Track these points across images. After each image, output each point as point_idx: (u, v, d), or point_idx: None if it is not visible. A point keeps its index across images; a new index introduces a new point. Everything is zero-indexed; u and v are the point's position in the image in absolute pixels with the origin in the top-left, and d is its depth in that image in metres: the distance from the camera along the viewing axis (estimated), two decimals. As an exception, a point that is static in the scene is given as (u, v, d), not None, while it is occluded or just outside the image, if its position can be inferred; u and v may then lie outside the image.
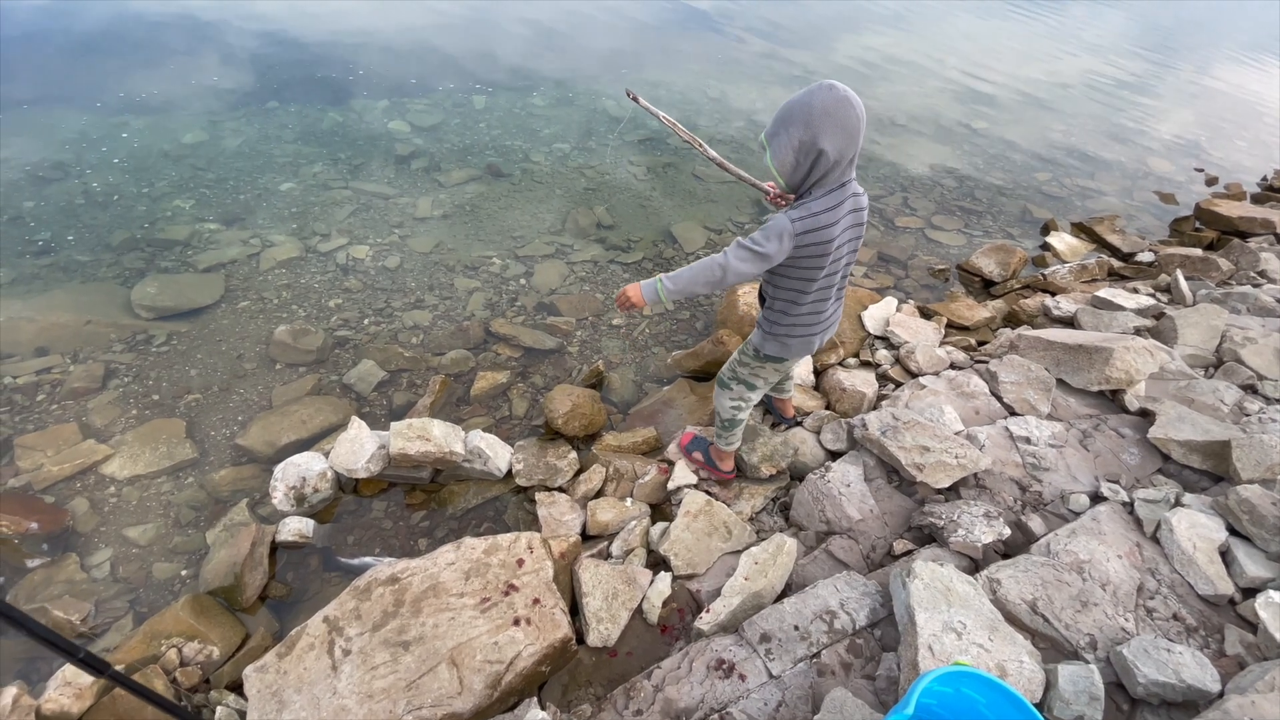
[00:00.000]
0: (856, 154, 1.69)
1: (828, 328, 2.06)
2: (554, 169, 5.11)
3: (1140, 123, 8.30)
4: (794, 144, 1.65)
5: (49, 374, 2.99)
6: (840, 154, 1.64)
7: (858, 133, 1.63)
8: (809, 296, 1.91)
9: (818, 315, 1.98)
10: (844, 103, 1.59)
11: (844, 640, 1.83)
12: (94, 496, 2.57)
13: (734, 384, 2.30)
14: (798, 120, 1.62)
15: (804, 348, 2.06)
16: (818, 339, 2.06)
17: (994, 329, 3.83)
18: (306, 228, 4.09)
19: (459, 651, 1.73)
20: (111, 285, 3.51)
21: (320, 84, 5.84)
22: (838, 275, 1.92)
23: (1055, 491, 2.38)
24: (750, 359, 2.19)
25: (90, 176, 4.24)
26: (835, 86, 1.59)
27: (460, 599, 1.84)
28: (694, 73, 7.42)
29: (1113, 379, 2.80)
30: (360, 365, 3.23)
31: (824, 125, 1.60)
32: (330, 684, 1.68)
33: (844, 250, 1.85)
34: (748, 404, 2.35)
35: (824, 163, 1.65)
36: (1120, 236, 5.14)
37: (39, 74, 5.32)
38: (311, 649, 1.76)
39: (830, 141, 1.61)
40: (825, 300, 1.96)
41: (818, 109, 1.59)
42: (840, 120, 1.59)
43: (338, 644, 1.76)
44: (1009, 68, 9.69)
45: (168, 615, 2.14)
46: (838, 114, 1.59)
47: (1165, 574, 1.97)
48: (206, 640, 2.10)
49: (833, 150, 1.63)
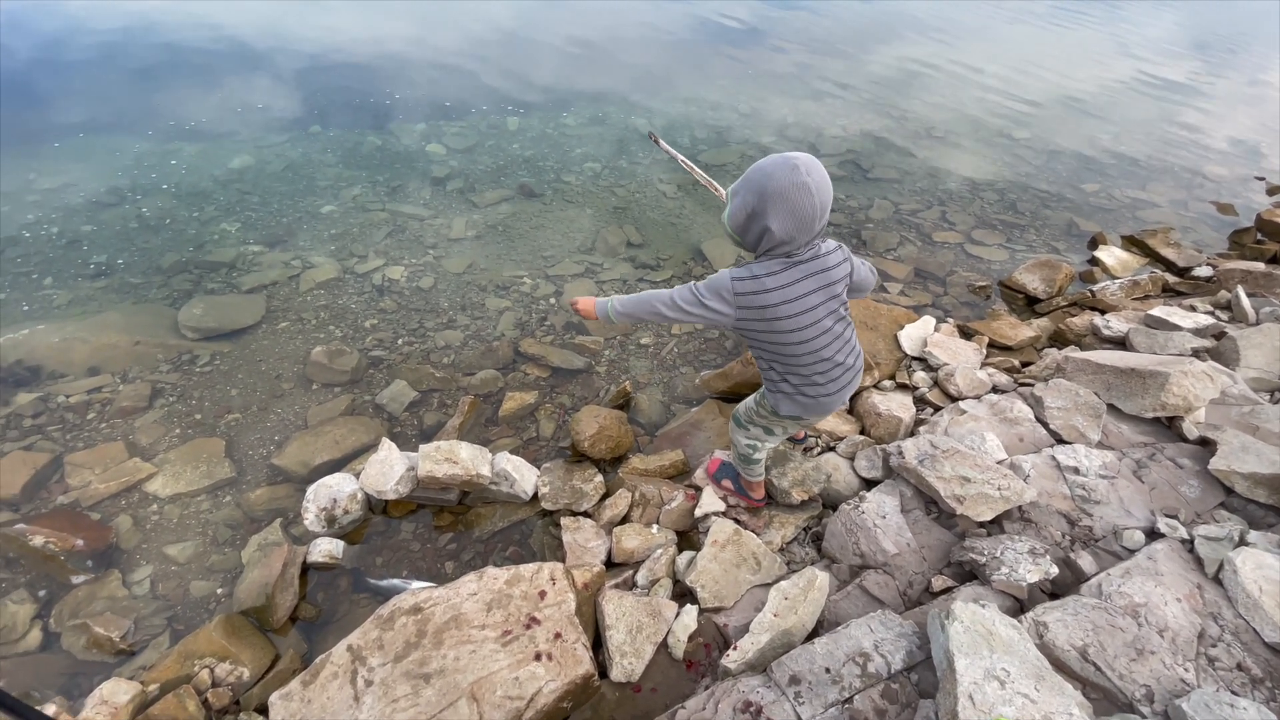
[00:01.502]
0: (815, 234, 1.64)
1: (841, 389, 1.91)
2: (585, 188, 5.14)
3: (1195, 129, 7.94)
4: (747, 210, 1.62)
5: (99, 393, 3.11)
6: (787, 235, 1.60)
7: (813, 220, 1.58)
8: (801, 368, 1.82)
9: (820, 381, 1.86)
10: (801, 189, 1.53)
11: (878, 685, 1.75)
12: (137, 514, 2.65)
13: (750, 427, 2.21)
14: (754, 189, 1.59)
15: (819, 410, 1.94)
16: (833, 401, 1.92)
17: (1039, 349, 3.68)
18: (345, 249, 4.19)
19: (479, 686, 1.71)
20: (160, 306, 3.64)
21: (361, 108, 6.02)
22: (825, 340, 1.79)
23: (1107, 526, 2.25)
24: (769, 413, 2.08)
25: (143, 201, 4.43)
26: (798, 168, 1.53)
27: (482, 631, 1.83)
28: (724, 89, 7.41)
29: (1169, 405, 2.64)
30: (393, 385, 3.27)
31: (775, 205, 1.56)
32: (352, 715, 1.68)
33: (821, 314, 1.74)
34: (763, 446, 2.28)
35: (770, 238, 1.62)
36: (1175, 250, 4.90)
37: (96, 103, 5.61)
38: (335, 678, 1.76)
39: (778, 222, 1.58)
40: (823, 365, 1.83)
41: (772, 188, 1.55)
42: (793, 205, 1.55)
43: (360, 674, 1.75)
44: (1054, 73, 9.41)
45: (201, 635, 2.18)
46: (792, 198, 1.54)
47: (1229, 619, 1.84)
48: (238, 661, 2.13)
49: (779, 231, 1.59)
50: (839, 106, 7.28)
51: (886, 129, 6.82)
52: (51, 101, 5.56)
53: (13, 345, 3.25)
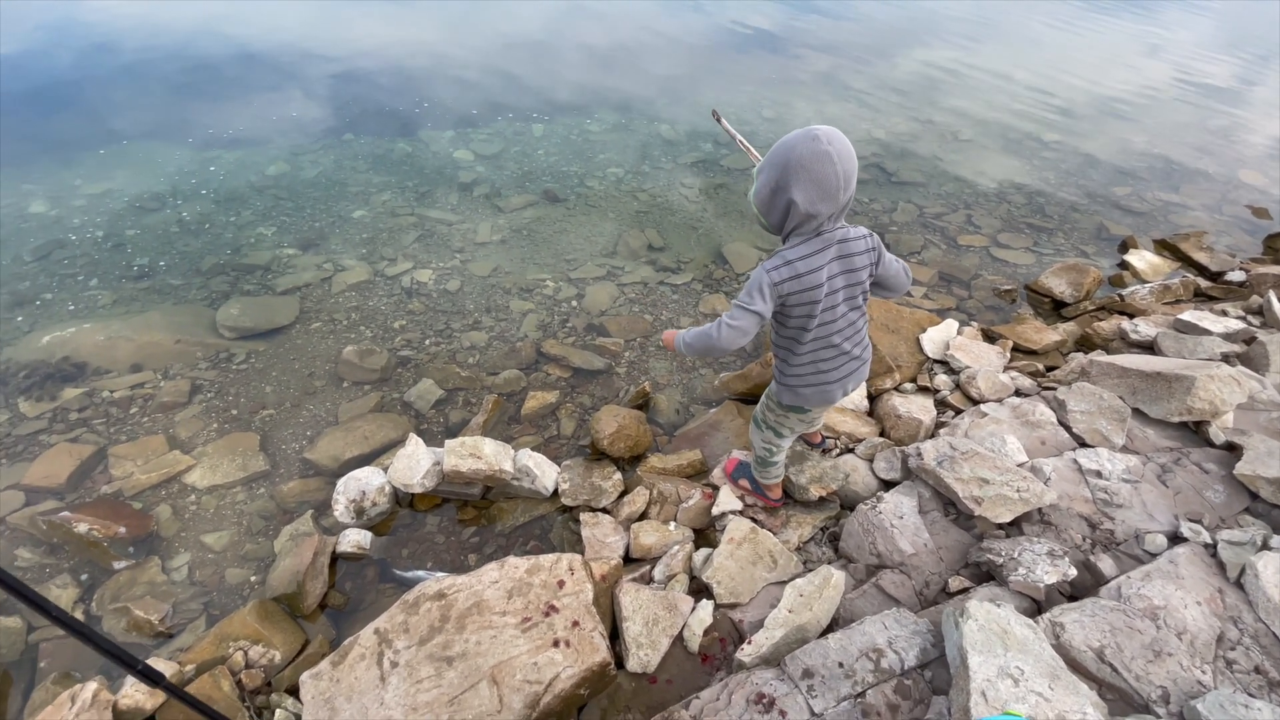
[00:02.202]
0: (841, 207, 1.63)
1: (844, 378, 1.93)
2: (608, 193, 5.22)
3: (1231, 132, 7.75)
4: (771, 184, 1.62)
5: (142, 389, 3.25)
6: (812, 206, 1.59)
7: (836, 189, 1.57)
8: (805, 347, 1.85)
9: (823, 366, 1.89)
10: (822, 158, 1.52)
11: (891, 680, 1.76)
12: (176, 504, 2.77)
13: (764, 428, 2.26)
14: (777, 163, 1.59)
15: (820, 398, 1.96)
16: (834, 389, 1.94)
17: (1065, 353, 3.64)
18: (375, 253, 4.32)
19: (499, 670, 1.76)
20: (199, 307, 3.79)
21: (392, 116, 6.18)
22: (836, 325, 1.82)
23: (1129, 530, 2.23)
24: (775, 406, 2.13)
25: (184, 206, 4.62)
26: (819, 138, 1.52)
27: (502, 617, 1.88)
28: (749, 93, 7.44)
29: (1195, 409, 2.61)
30: (420, 384, 3.36)
31: (798, 176, 1.56)
32: (378, 695, 1.75)
33: (839, 298, 1.77)
34: (779, 448, 2.31)
35: (796, 213, 1.61)
36: (1208, 254, 4.80)
37: (139, 111, 5.85)
38: (362, 659, 1.83)
39: (801, 193, 1.57)
40: (828, 350, 1.86)
41: (794, 158, 1.55)
42: (816, 175, 1.54)
43: (386, 656, 1.82)
44: (1086, 76, 9.26)
45: (236, 619, 2.27)
46: (814, 168, 1.54)
47: (1249, 623, 1.82)
48: (270, 645, 2.21)
49: (803, 202, 1.58)
50: (864, 110, 7.27)
51: (912, 132, 6.79)
52: (97, 110, 5.81)
53: (60, 343, 3.42)
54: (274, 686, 2.14)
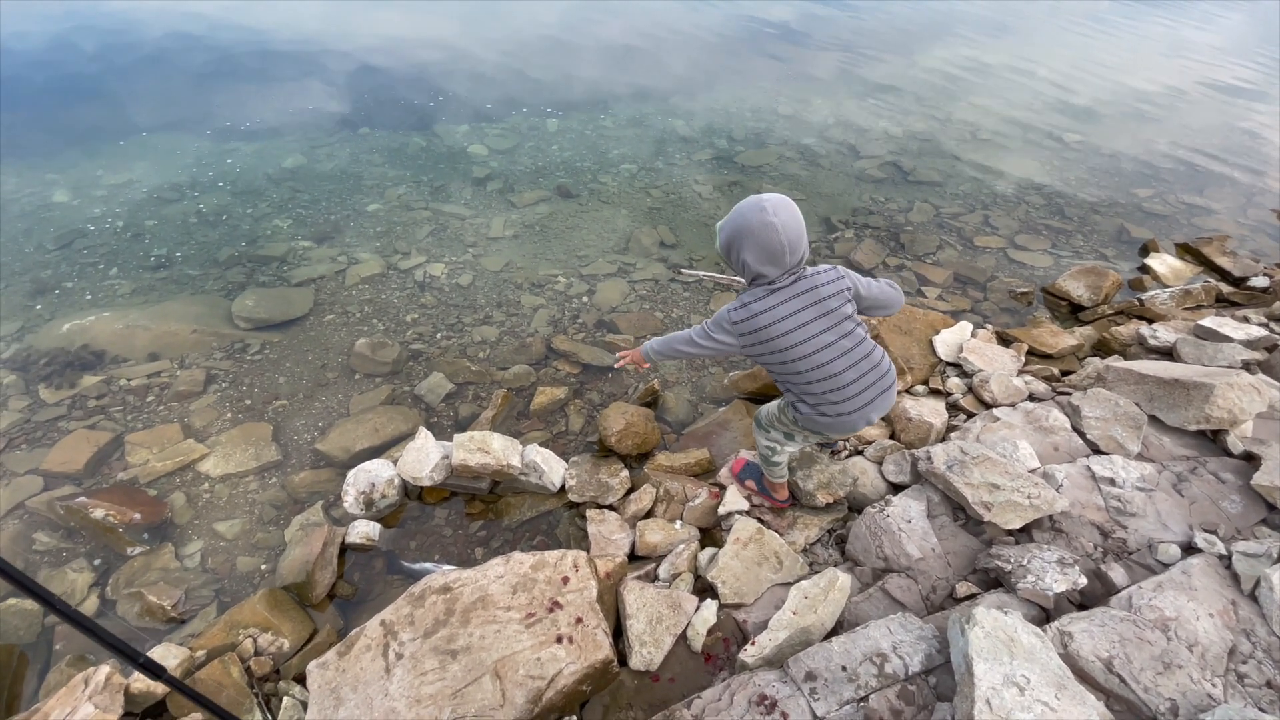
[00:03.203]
0: (788, 269, 1.78)
1: (863, 407, 1.90)
2: (621, 189, 5.21)
3: (1258, 134, 7.59)
4: (725, 244, 1.81)
5: (158, 378, 3.30)
6: (760, 267, 1.76)
7: (781, 254, 1.73)
8: (805, 383, 1.88)
9: (832, 399, 1.87)
10: (768, 228, 1.69)
11: (895, 686, 1.75)
12: (190, 492, 2.81)
13: (771, 430, 2.23)
14: (731, 226, 1.77)
15: (841, 427, 1.94)
16: (855, 419, 1.91)
17: (1081, 358, 3.58)
18: (389, 246, 4.34)
19: (503, 664, 1.77)
20: (216, 297, 3.84)
21: (407, 110, 6.21)
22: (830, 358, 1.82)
23: (1142, 539, 2.20)
24: (790, 422, 2.10)
25: (202, 198, 4.67)
26: (765, 209, 1.69)
27: (507, 612, 1.89)
28: (765, 90, 7.39)
29: (1213, 418, 2.56)
30: (430, 378, 3.38)
31: (746, 241, 1.74)
32: (383, 685, 1.76)
33: (819, 334, 1.80)
34: (783, 450, 2.29)
35: (749, 270, 1.79)
36: (1231, 259, 4.71)
37: (159, 104, 5.92)
38: (368, 650, 1.85)
39: (750, 256, 1.75)
40: (833, 381, 1.85)
41: (744, 225, 1.73)
42: (761, 241, 1.72)
43: (392, 647, 1.84)
44: (1109, 76, 9.10)
45: (246, 607, 2.30)
46: (760, 235, 1.71)
47: (1262, 636, 1.78)
48: (279, 633, 2.24)
49: (753, 262, 1.76)
50: (882, 108, 7.19)
51: (930, 131, 6.71)
52: (117, 102, 5.90)
53: (79, 331, 3.47)
54: (282, 674, 2.17)
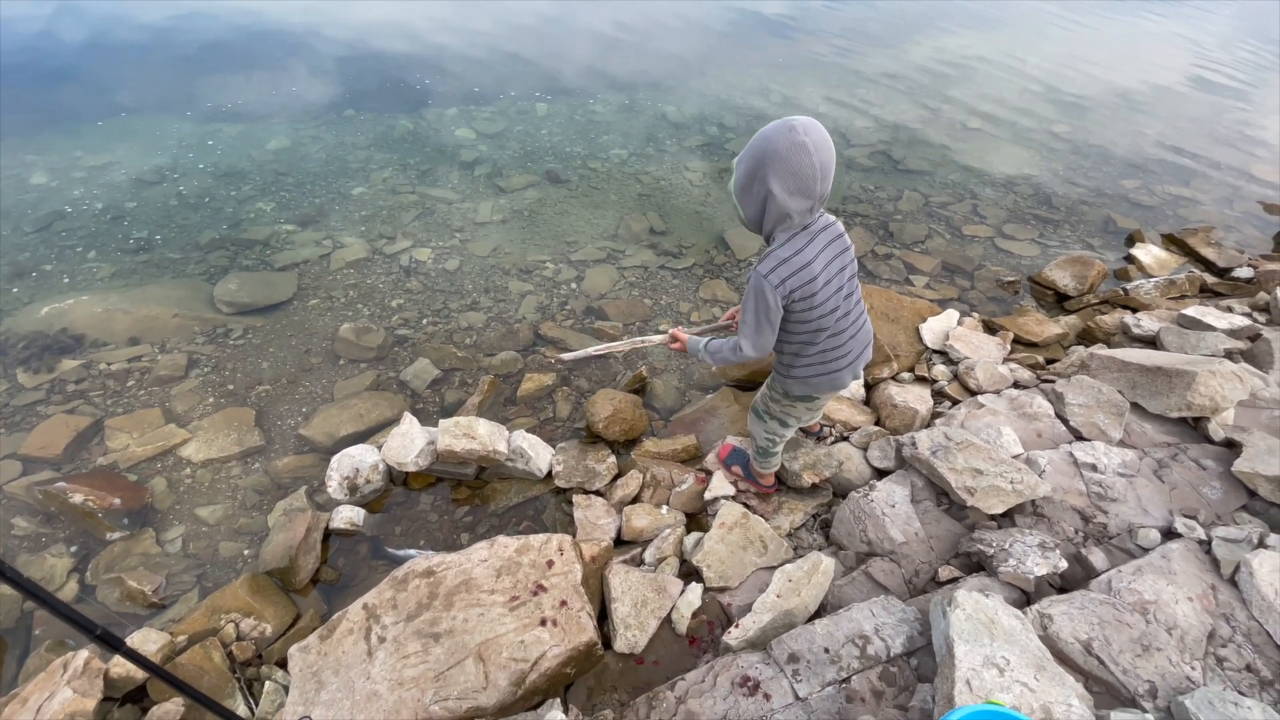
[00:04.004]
0: (819, 200, 1.61)
1: (853, 362, 1.94)
2: (610, 175, 5.16)
3: (1245, 127, 7.63)
4: (748, 176, 1.61)
5: (139, 362, 3.25)
6: (789, 198, 1.58)
7: (813, 181, 1.55)
8: (813, 338, 1.83)
9: (831, 355, 1.88)
10: (798, 149, 1.51)
11: (876, 667, 1.77)
12: (171, 477, 2.78)
13: (767, 418, 2.24)
14: (754, 155, 1.58)
15: (830, 385, 1.95)
16: (845, 374, 1.94)
17: (1065, 346, 3.61)
18: (374, 230, 4.29)
19: (486, 647, 1.77)
20: (197, 281, 3.78)
21: (395, 92, 6.12)
22: (836, 311, 1.81)
23: (1122, 524, 2.22)
24: (780, 397, 2.11)
25: (183, 180, 4.59)
26: (795, 129, 1.51)
27: (490, 595, 1.89)
28: (757, 77, 7.34)
29: (1195, 405, 2.58)
30: (416, 363, 3.35)
31: (772, 167, 1.55)
32: (365, 669, 1.76)
33: (834, 285, 1.76)
34: (781, 438, 2.30)
35: (773, 206, 1.60)
36: (1215, 250, 4.74)
37: (139, 84, 5.80)
38: (350, 634, 1.84)
39: (778, 184, 1.56)
40: (836, 338, 1.85)
41: (771, 150, 1.53)
42: (792, 166, 1.53)
43: (374, 631, 1.83)
44: (1099, 68, 9.11)
45: (228, 592, 2.28)
46: (790, 160, 1.52)
47: (1241, 620, 1.81)
48: (261, 617, 2.23)
49: (780, 192, 1.57)
50: (873, 96, 7.17)
51: (921, 120, 6.70)
52: (98, 81, 5.77)
53: (58, 314, 3.41)
54: (264, 659, 2.16)
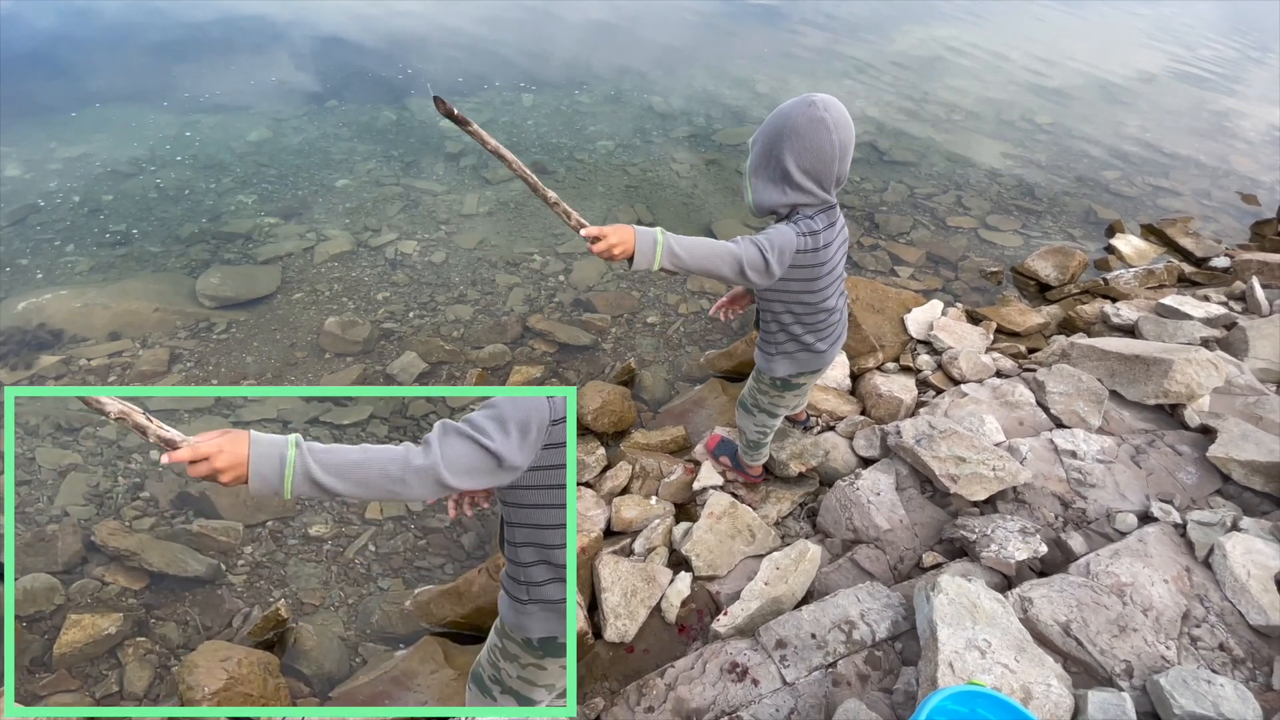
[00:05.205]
0: (837, 180, 1.61)
1: (835, 340, 1.97)
2: (597, 166, 5.15)
3: (1224, 118, 7.75)
4: (765, 153, 1.60)
5: (120, 357, 3.21)
6: (807, 175, 1.56)
7: (831, 158, 1.54)
8: (803, 312, 1.83)
9: (820, 329, 1.90)
10: (818, 125, 1.50)
11: (862, 651, 1.80)
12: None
13: (755, 410, 2.24)
14: (770, 129, 1.57)
15: (815, 362, 1.97)
16: (828, 354, 1.96)
17: (1047, 336, 3.66)
18: (359, 223, 4.25)
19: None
20: (179, 275, 3.73)
21: (378, 83, 6.05)
22: (832, 289, 1.83)
23: (1100, 509, 2.27)
24: (767, 387, 2.11)
25: (161, 172, 4.51)
26: (815, 104, 1.51)
27: (481, 588, 1.90)
28: (743, 67, 7.34)
29: (1172, 392, 2.64)
30: (403, 357, 3.34)
31: (790, 144, 1.53)
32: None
33: (834, 274, 1.79)
34: (771, 429, 2.32)
35: (794, 183, 1.57)
36: (1194, 240, 4.83)
37: (114, 74, 5.69)
38: (340, 628, 1.84)
39: (795, 162, 1.54)
40: (822, 314, 1.87)
41: (789, 125, 1.53)
42: (810, 143, 1.52)
43: (364, 625, 1.83)
44: (1082, 60, 9.19)
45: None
46: (809, 136, 1.52)
47: (1215, 601, 1.86)
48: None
49: (796, 169, 1.55)
50: (859, 88, 7.19)
51: (906, 111, 6.73)
52: (72, 71, 5.65)
53: (36, 309, 3.35)
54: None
